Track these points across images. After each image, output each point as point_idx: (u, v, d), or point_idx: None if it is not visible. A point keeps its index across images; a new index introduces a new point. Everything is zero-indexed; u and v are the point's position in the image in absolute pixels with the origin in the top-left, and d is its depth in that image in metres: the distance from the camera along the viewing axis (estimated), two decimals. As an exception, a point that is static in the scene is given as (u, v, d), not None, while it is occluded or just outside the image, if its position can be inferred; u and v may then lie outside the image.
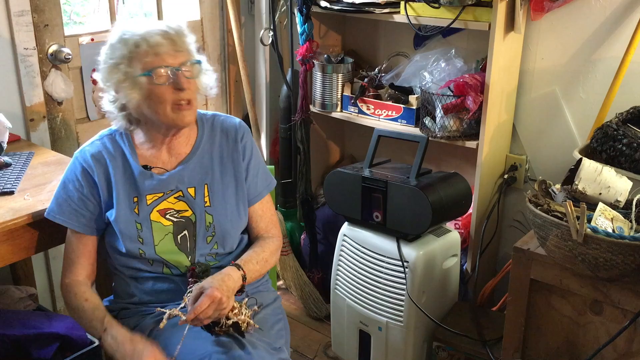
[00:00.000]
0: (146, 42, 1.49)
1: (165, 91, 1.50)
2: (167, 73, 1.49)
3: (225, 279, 1.50)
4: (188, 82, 1.53)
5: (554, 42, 2.15)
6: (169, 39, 1.50)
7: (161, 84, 1.49)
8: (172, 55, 1.50)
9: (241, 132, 1.69)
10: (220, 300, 1.43)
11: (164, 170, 1.60)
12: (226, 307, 1.45)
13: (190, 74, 1.54)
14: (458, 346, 1.97)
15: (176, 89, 1.51)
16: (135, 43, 1.49)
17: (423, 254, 1.95)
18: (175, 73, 1.50)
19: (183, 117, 1.54)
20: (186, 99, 1.53)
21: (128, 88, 1.51)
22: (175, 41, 1.51)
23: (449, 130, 2.16)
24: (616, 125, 1.74)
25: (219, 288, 1.45)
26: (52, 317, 1.95)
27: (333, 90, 2.50)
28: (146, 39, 1.49)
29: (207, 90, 1.62)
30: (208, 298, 1.42)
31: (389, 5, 2.23)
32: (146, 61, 1.49)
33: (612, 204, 1.52)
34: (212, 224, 1.60)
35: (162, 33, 1.50)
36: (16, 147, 2.01)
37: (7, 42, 2.05)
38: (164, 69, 1.49)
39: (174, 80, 1.50)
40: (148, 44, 1.48)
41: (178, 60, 1.51)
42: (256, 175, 1.69)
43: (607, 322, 1.53)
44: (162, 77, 1.49)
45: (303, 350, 2.42)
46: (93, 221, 1.58)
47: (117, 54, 1.51)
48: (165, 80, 1.50)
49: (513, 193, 2.37)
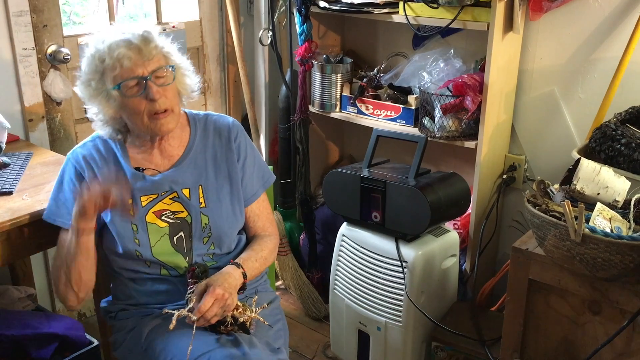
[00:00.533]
0: (110, 55, 1.45)
1: (138, 103, 1.48)
2: (137, 84, 1.47)
3: (226, 277, 1.51)
4: (163, 91, 1.49)
5: (552, 42, 2.15)
6: (135, 48, 1.46)
7: (132, 97, 1.47)
8: (141, 64, 1.46)
9: (234, 132, 1.67)
10: (224, 297, 1.44)
11: (157, 172, 1.59)
12: (230, 304, 1.46)
13: (163, 81, 1.50)
14: (457, 346, 1.97)
15: (148, 99, 1.48)
16: (100, 57, 1.47)
17: (422, 254, 1.95)
18: (146, 83, 1.47)
19: (161, 125, 1.52)
20: (162, 108, 1.50)
21: (103, 102, 1.51)
22: (142, 50, 1.47)
23: (447, 131, 2.16)
24: (615, 126, 1.74)
25: (220, 285, 1.46)
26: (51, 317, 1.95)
27: (332, 91, 2.50)
28: (110, 52, 1.45)
29: (189, 93, 1.60)
30: (211, 296, 1.43)
31: (388, 5, 2.23)
32: (114, 75, 1.47)
33: (611, 204, 1.52)
34: (207, 225, 1.60)
35: (126, 44, 1.46)
36: (15, 147, 2.01)
37: (6, 42, 2.05)
38: (131, 80, 1.46)
39: (145, 91, 1.47)
40: (112, 57, 1.45)
41: (148, 68, 1.47)
42: (252, 175, 1.69)
43: (606, 321, 1.53)
44: (131, 89, 1.47)
45: (302, 350, 2.42)
46: None
47: (88, 69, 1.50)
48: (135, 92, 1.47)
49: (512, 193, 2.37)
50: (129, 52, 1.45)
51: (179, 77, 1.56)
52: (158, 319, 1.55)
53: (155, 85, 1.48)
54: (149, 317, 1.59)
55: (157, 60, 1.49)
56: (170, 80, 1.52)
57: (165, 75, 1.51)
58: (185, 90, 1.59)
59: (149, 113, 1.50)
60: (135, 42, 1.47)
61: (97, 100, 1.51)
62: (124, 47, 1.46)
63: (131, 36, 1.47)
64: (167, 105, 1.51)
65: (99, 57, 1.47)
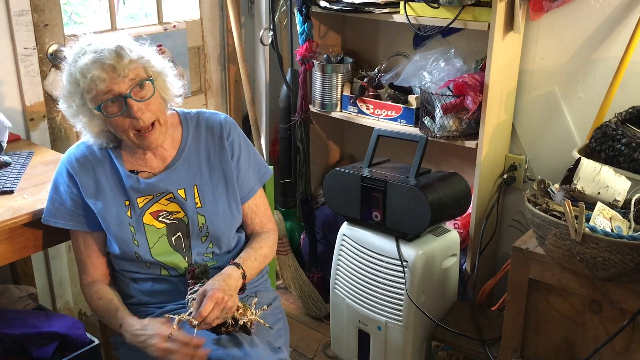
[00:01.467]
0: (84, 77, 1.41)
1: (122, 121, 1.46)
2: (117, 103, 1.44)
3: (226, 279, 1.50)
4: (145, 105, 1.46)
5: (553, 42, 2.15)
6: (108, 67, 1.41)
7: (114, 116, 1.45)
8: (117, 83, 1.42)
9: (227, 129, 1.65)
10: (224, 300, 1.43)
11: (152, 174, 1.58)
12: (231, 306, 1.45)
13: (143, 95, 1.47)
14: (457, 346, 1.97)
15: (131, 117, 1.45)
16: (75, 81, 1.44)
17: (422, 254, 1.95)
18: (126, 101, 1.44)
19: (150, 142, 1.50)
20: (147, 124, 1.47)
21: (87, 121, 1.49)
22: (116, 67, 1.41)
23: (448, 130, 2.17)
24: (615, 125, 1.75)
25: (220, 289, 1.44)
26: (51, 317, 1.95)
27: (332, 90, 2.50)
28: (84, 74, 1.41)
29: (173, 98, 1.57)
30: (211, 300, 1.41)
31: (389, 5, 2.23)
32: (92, 97, 1.44)
33: (611, 203, 1.52)
34: (204, 225, 1.59)
35: (98, 65, 1.41)
36: (16, 146, 2.01)
37: (7, 41, 2.05)
38: (111, 102, 1.44)
39: (127, 109, 1.44)
40: (87, 79, 1.41)
41: (125, 86, 1.43)
42: (247, 171, 1.67)
43: (606, 321, 1.54)
44: (112, 109, 1.45)
45: (302, 350, 2.42)
46: (88, 217, 1.57)
47: (66, 91, 1.48)
48: (117, 111, 1.45)
49: (512, 193, 2.37)
50: (102, 73, 1.40)
51: (160, 85, 1.52)
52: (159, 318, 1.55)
53: (135, 102, 1.44)
54: (150, 316, 1.59)
55: (134, 75, 1.44)
56: (150, 93, 1.48)
57: (144, 90, 1.47)
58: (169, 97, 1.55)
59: (134, 130, 1.48)
60: (108, 62, 1.41)
61: (80, 118, 1.50)
62: (97, 68, 1.41)
63: (103, 55, 1.41)
64: (151, 119, 1.48)
65: (74, 81, 1.44)
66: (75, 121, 1.52)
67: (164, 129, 1.53)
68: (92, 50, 1.43)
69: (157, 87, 1.51)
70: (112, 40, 1.46)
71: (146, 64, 1.48)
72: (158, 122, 1.50)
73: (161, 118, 1.51)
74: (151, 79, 1.48)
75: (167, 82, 1.54)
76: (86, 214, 1.57)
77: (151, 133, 1.49)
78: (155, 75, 1.50)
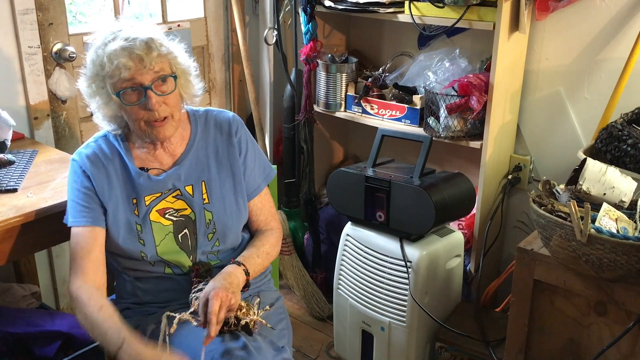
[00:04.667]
0: (111, 63, 1.42)
1: (137, 110, 1.47)
2: (136, 92, 1.45)
3: (227, 277, 1.49)
4: (163, 99, 1.48)
5: (558, 43, 2.14)
6: (136, 58, 1.42)
7: (132, 105, 1.47)
8: (141, 73, 1.44)
9: (235, 126, 1.66)
10: (227, 298, 1.42)
11: (161, 171, 1.59)
12: (234, 303, 1.44)
13: (164, 90, 1.48)
14: (461, 347, 1.97)
15: (147, 109, 1.47)
16: (101, 64, 1.44)
17: (426, 254, 1.95)
18: (146, 92, 1.45)
19: (157, 133, 1.52)
20: (161, 117, 1.49)
21: (103, 103, 1.50)
22: (143, 59, 1.43)
23: (452, 130, 2.16)
24: (621, 126, 1.74)
25: (222, 287, 1.44)
26: (54, 315, 1.96)
27: (337, 90, 2.49)
28: (111, 60, 1.42)
29: (191, 98, 1.59)
30: (216, 299, 1.40)
31: (394, 4, 2.23)
32: (113, 83, 1.45)
33: (617, 204, 1.51)
34: (212, 221, 1.60)
35: (127, 53, 1.42)
36: (20, 145, 2.02)
37: (11, 40, 2.06)
38: (131, 90, 1.45)
39: (145, 100, 1.45)
40: (113, 65, 1.42)
41: (148, 77, 1.45)
42: (253, 169, 1.68)
43: (611, 323, 1.53)
44: (130, 97, 1.46)
45: (305, 350, 2.41)
46: (101, 213, 1.55)
47: (89, 72, 1.48)
48: (135, 100, 1.46)
49: (517, 194, 2.36)
50: (129, 61, 1.42)
51: (182, 83, 1.54)
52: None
53: (155, 95, 1.46)
54: (152, 315, 1.58)
55: (159, 69, 1.47)
56: (171, 88, 1.50)
57: (165, 84, 1.48)
58: (188, 96, 1.58)
59: (146, 120, 1.49)
60: (137, 52, 1.42)
61: (97, 100, 1.51)
62: (125, 56, 1.42)
63: (134, 44, 1.42)
64: (166, 113, 1.50)
65: (100, 64, 1.45)
66: (91, 101, 1.53)
67: (175, 123, 1.54)
68: (123, 37, 1.44)
69: (179, 84, 1.53)
70: (144, 30, 1.48)
71: (173, 60, 1.51)
72: (172, 116, 1.52)
73: (175, 113, 1.53)
74: (174, 76, 1.51)
75: (190, 80, 1.57)
76: (98, 208, 1.55)
77: (162, 124, 1.51)
78: (179, 73, 1.53)
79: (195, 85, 1.59)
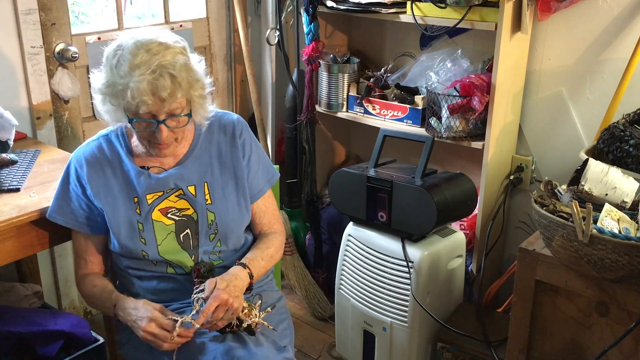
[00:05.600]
0: (133, 98, 1.38)
1: (145, 134, 1.48)
2: (148, 122, 1.44)
3: (232, 279, 1.50)
4: (173, 132, 1.48)
5: (560, 43, 2.14)
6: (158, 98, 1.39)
7: (141, 131, 1.47)
8: (158, 110, 1.42)
9: (239, 128, 1.66)
10: (227, 302, 1.43)
11: (162, 170, 1.59)
12: (237, 307, 1.46)
13: (176, 124, 1.47)
14: (463, 347, 1.96)
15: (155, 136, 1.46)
16: (123, 88, 1.39)
17: (428, 255, 1.95)
18: (158, 126, 1.44)
19: (159, 152, 1.53)
20: (165, 144, 1.49)
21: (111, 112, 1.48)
22: (166, 100, 1.40)
23: (454, 131, 2.16)
24: (623, 126, 1.73)
25: (224, 289, 1.45)
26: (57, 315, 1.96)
27: (339, 90, 2.49)
28: (134, 96, 1.38)
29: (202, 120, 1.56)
30: (215, 300, 1.42)
31: (396, 5, 2.23)
32: (129, 109, 1.43)
33: (619, 205, 1.51)
34: (214, 222, 1.60)
35: (152, 91, 1.37)
36: (22, 144, 2.02)
37: (14, 40, 2.06)
38: (145, 121, 1.44)
39: (156, 130, 1.45)
40: (135, 100, 1.39)
41: (164, 113, 1.43)
42: (257, 171, 1.68)
43: (613, 323, 1.53)
44: (142, 124, 1.45)
45: (307, 350, 2.41)
46: (91, 220, 1.58)
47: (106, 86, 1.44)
48: (146, 128, 1.46)
49: (519, 194, 2.36)
50: (150, 99, 1.39)
51: (196, 109, 1.51)
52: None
53: (166, 129, 1.45)
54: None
55: (176, 106, 1.44)
56: (183, 123, 1.49)
57: (178, 120, 1.47)
58: (199, 119, 1.55)
59: (150, 141, 1.50)
60: (162, 94, 1.38)
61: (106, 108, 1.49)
62: (148, 94, 1.38)
63: (159, 83, 1.38)
64: (172, 140, 1.50)
65: (122, 88, 1.40)
66: (99, 105, 1.50)
67: (177, 144, 1.55)
68: (148, 66, 1.38)
69: (193, 111, 1.50)
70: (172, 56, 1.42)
71: (192, 94, 1.47)
72: (175, 140, 1.52)
73: (180, 137, 1.53)
74: (189, 114, 1.49)
75: (204, 107, 1.53)
76: (90, 216, 1.58)
77: (166, 147, 1.52)
78: (195, 99, 1.48)
79: (208, 110, 1.55)
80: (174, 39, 1.47)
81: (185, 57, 1.46)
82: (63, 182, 1.59)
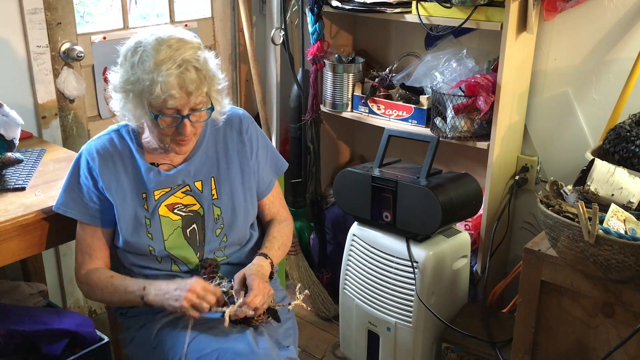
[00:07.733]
0: (161, 89, 1.40)
1: (168, 130, 1.49)
2: (172, 118, 1.46)
3: (260, 269, 1.56)
4: (194, 126, 1.50)
5: (566, 43, 2.13)
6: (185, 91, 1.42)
7: (165, 127, 1.48)
8: (184, 104, 1.44)
9: (245, 123, 1.68)
10: (266, 288, 1.51)
11: (171, 166, 1.60)
12: (272, 293, 1.53)
13: (198, 118, 1.50)
14: (467, 347, 1.96)
15: (178, 132, 1.48)
16: (151, 84, 1.40)
17: (433, 255, 1.94)
18: (182, 120, 1.46)
19: (181, 149, 1.55)
20: (188, 137, 1.51)
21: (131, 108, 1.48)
22: (192, 93, 1.43)
23: (459, 131, 2.15)
24: (629, 127, 1.73)
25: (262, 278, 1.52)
26: (62, 314, 1.96)
27: (344, 90, 2.49)
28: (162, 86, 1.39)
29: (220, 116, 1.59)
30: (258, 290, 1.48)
31: (401, 5, 2.22)
32: (154, 104, 1.43)
33: (625, 205, 1.51)
34: (220, 216, 1.61)
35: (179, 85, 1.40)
36: (28, 144, 2.02)
37: (20, 39, 2.07)
38: (170, 116, 1.45)
39: (179, 126, 1.47)
40: (163, 91, 1.40)
41: (189, 108, 1.46)
42: (265, 165, 1.71)
43: (619, 324, 1.52)
44: (166, 121, 1.46)
45: (311, 350, 2.41)
46: (102, 213, 1.58)
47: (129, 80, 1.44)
48: (170, 123, 1.47)
49: (524, 194, 2.35)
50: (180, 92, 1.41)
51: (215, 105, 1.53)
52: (169, 316, 1.56)
53: (189, 124, 1.48)
54: (159, 314, 1.59)
55: (200, 100, 1.46)
56: (205, 118, 1.52)
57: (201, 114, 1.50)
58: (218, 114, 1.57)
59: (172, 138, 1.51)
60: (189, 88, 1.41)
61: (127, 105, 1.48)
62: (177, 88, 1.40)
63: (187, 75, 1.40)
64: (192, 136, 1.53)
65: (150, 83, 1.40)
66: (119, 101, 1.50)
67: (196, 138, 1.59)
68: (173, 61, 1.40)
69: None
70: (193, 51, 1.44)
71: (213, 90, 1.50)
72: (194, 134, 1.54)
73: (198, 132, 1.56)
74: (210, 108, 1.51)
75: (221, 102, 1.56)
76: (101, 208, 1.57)
77: (187, 142, 1.54)
78: (214, 100, 1.52)
79: (225, 105, 1.58)
80: (189, 35, 1.51)
81: (203, 52, 1.49)
82: (72, 175, 1.59)
